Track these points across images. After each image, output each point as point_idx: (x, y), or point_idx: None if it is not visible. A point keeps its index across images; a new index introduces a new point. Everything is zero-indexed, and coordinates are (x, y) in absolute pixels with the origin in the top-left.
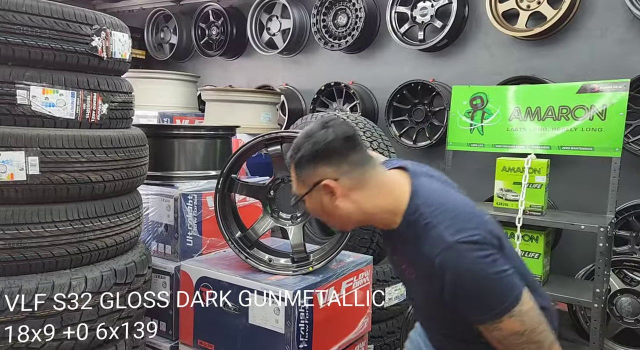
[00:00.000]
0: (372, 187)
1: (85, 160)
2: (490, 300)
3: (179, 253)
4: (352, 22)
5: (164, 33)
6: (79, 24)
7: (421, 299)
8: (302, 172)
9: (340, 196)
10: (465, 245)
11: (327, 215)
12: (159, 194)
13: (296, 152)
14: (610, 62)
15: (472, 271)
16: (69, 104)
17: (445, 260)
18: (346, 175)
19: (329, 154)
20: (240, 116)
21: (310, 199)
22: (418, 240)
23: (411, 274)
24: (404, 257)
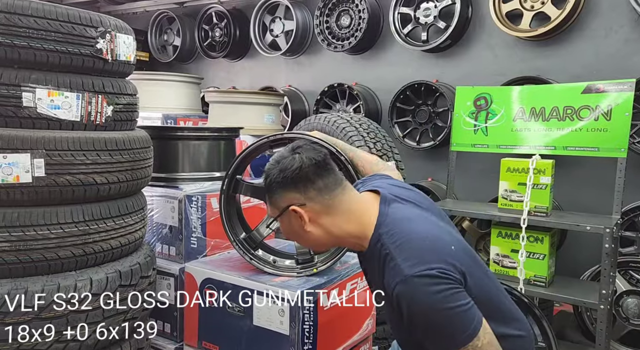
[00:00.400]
0: (340, 212)
1: (90, 162)
2: (443, 334)
3: (183, 255)
4: (355, 23)
5: (168, 35)
6: (83, 26)
7: (391, 320)
8: (272, 196)
9: (308, 221)
10: (421, 279)
11: (299, 237)
12: (164, 195)
13: (266, 177)
14: (615, 62)
15: (426, 305)
16: (74, 106)
17: (400, 292)
18: (313, 201)
19: (296, 180)
20: (243, 118)
21: (282, 221)
22: (380, 270)
23: (379, 298)
24: (373, 280)
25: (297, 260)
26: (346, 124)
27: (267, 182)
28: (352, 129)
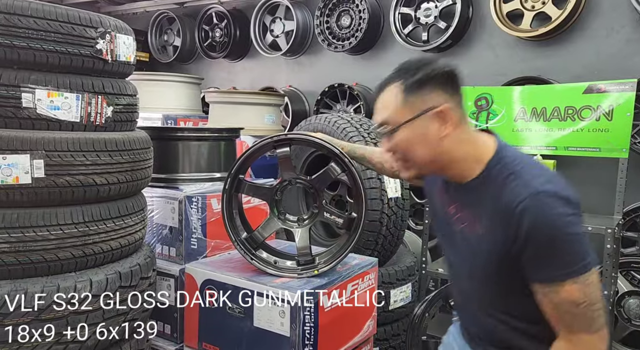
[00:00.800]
0: (467, 131)
1: (90, 163)
2: (559, 260)
3: (183, 255)
4: (356, 23)
5: (168, 35)
6: (83, 27)
7: (478, 263)
8: (411, 96)
9: (450, 126)
10: (552, 198)
11: (419, 149)
12: (164, 196)
13: (411, 74)
14: (616, 62)
15: (552, 224)
16: (74, 107)
17: (527, 207)
18: (456, 109)
19: (446, 82)
20: (244, 118)
21: (411, 127)
22: (498, 190)
23: (475, 230)
24: (471, 211)
25: (298, 261)
26: (347, 124)
27: (411, 79)
28: (352, 129)
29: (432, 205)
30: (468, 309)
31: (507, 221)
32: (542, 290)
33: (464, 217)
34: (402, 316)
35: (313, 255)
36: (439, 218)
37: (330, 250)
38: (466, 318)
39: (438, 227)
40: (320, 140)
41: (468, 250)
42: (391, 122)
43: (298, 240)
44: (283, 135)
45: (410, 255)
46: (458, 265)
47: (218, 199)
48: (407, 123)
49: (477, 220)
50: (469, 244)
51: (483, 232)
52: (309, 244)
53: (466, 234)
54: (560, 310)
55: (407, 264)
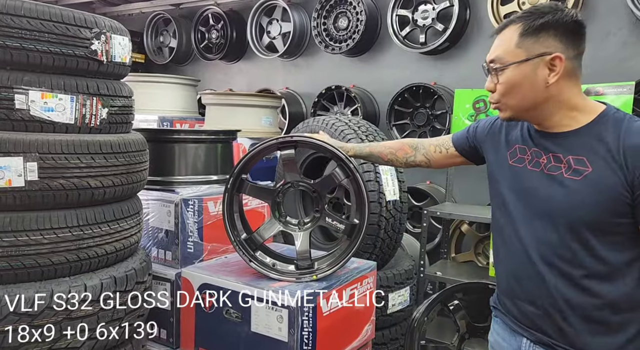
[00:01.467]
0: (577, 84)
1: (84, 165)
2: None
3: (179, 259)
4: (353, 25)
5: (164, 37)
6: (78, 27)
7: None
8: (527, 38)
9: (559, 75)
10: None
11: (524, 91)
12: (159, 199)
13: (535, 18)
14: (613, 65)
15: None
16: (68, 109)
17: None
18: (570, 61)
19: (568, 31)
20: (241, 120)
21: (520, 68)
22: (621, 131)
23: (581, 176)
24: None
25: (297, 265)
26: (345, 126)
27: (536, 22)
28: (350, 131)
29: (499, 165)
30: (538, 278)
31: (635, 161)
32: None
33: (563, 165)
34: (400, 320)
35: (312, 260)
36: (513, 176)
37: (331, 255)
38: (529, 291)
39: (509, 187)
40: (326, 144)
41: (566, 198)
42: (501, 61)
43: (299, 244)
44: (288, 137)
45: (408, 259)
46: (537, 222)
47: (215, 201)
48: (516, 64)
49: (586, 164)
50: (568, 191)
51: (595, 175)
52: (309, 248)
53: (565, 181)
54: None
55: (406, 267)
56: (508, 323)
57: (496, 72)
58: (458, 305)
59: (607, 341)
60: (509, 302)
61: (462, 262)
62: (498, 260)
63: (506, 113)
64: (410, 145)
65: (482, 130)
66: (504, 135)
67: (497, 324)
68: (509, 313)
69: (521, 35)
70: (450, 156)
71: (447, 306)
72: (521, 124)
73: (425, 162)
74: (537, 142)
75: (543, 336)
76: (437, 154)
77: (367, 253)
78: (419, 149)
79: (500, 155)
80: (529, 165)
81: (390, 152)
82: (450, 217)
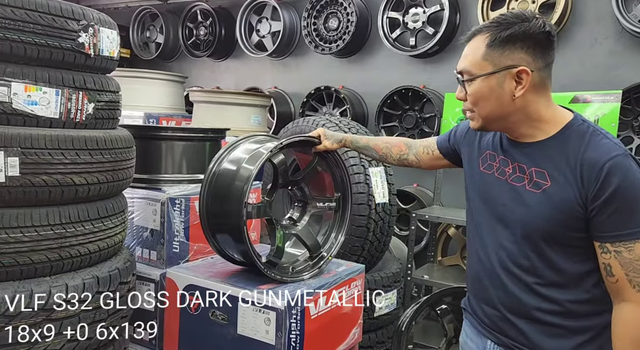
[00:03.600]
0: (545, 95)
1: (69, 161)
2: (638, 218)
3: (164, 259)
4: (344, 26)
5: (150, 32)
6: (65, 19)
7: (536, 221)
8: (494, 51)
9: (526, 88)
10: (635, 162)
11: (491, 103)
12: (145, 197)
13: (504, 28)
14: (599, 73)
15: (638, 185)
16: (52, 103)
17: (617, 165)
18: (538, 73)
19: (536, 43)
20: (229, 119)
21: (487, 80)
22: (583, 145)
23: (540, 188)
24: (539, 169)
25: (312, 256)
26: (335, 127)
27: (502, 34)
28: (340, 133)
29: (471, 168)
30: (498, 282)
31: (589, 176)
32: (613, 249)
33: (525, 176)
34: (387, 323)
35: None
36: (481, 181)
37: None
38: (491, 295)
39: (477, 192)
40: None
41: (524, 210)
42: (468, 73)
43: (306, 239)
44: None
45: (395, 262)
46: (499, 229)
47: None
48: (483, 77)
49: (546, 177)
50: (527, 204)
51: (552, 190)
52: (315, 237)
53: (525, 193)
54: (630, 268)
55: (393, 270)
56: (475, 325)
57: (464, 83)
58: (446, 309)
59: (565, 344)
60: (475, 305)
61: (448, 266)
62: (467, 263)
63: (477, 123)
64: (405, 143)
65: (461, 133)
66: (478, 141)
67: (466, 325)
68: (476, 315)
69: (488, 46)
70: (435, 158)
71: (435, 310)
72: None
73: (415, 162)
74: (506, 151)
75: (506, 339)
76: (425, 155)
77: (355, 255)
78: (411, 148)
79: (472, 160)
80: (496, 172)
81: (386, 147)
82: (439, 220)
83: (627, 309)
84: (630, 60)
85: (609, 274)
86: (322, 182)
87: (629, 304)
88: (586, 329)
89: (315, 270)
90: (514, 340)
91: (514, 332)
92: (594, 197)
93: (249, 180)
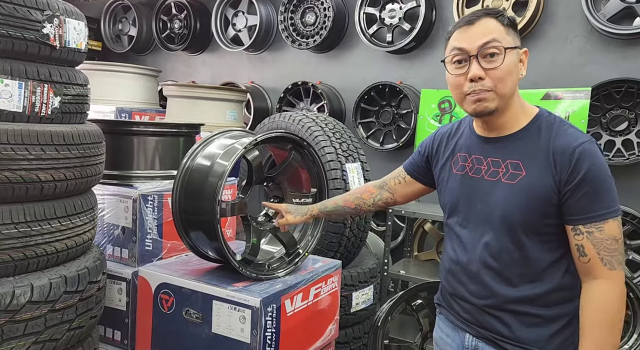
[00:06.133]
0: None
1: (33, 157)
2: (609, 199)
3: (136, 257)
4: (321, 21)
5: (123, 24)
6: (27, 8)
7: (514, 211)
8: (511, 29)
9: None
10: (599, 148)
11: (512, 77)
12: (116, 194)
13: (503, 14)
14: (569, 70)
15: (604, 165)
16: (15, 96)
17: (586, 150)
18: None
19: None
20: (204, 114)
21: (513, 55)
22: (553, 134)
23: (517, 179)
24: (514, 160)
25: (288, 252)
26: (312, 123)
27: (502, 15)
28: (317, 128)
29: (444, 174)
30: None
31: (562, 162)
32: (586, 230)
33: (501, 170)
34: (364, 319)
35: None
36: (456, 183)
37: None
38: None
39: (453, 194)
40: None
41: (502, 203)
42: (498, 45)
43: (282, 236)
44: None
45: (372, 257)
46: (478, 226)
47: None
48: (511, 49)
49: (521, 168)
50: (504, 196)
51: (528, 179)
52: (292, 234)
53: (501, 186)
54: (602, 247)
55: (370, 266)
56: (451, 319)
57: (491, 56)
58: (421, 304)
59: (541, 332)
60: (451, 299)
61: (424, 261)
62: (442, 259)
63: (494, 102)
64: (374, 185)
65: (428, 144)
66: (445, 146)
67: (441, 320)
68: (452, 309)
69: (505, 25)
70: (408, 184)
71: (410, 305)
72: (462, 132)
73: (390, 197)
74: (478, 148)
75: (484, 331)
76: (397, 186)
77: (332, 252)
78: (382, 187)
79: (445, 164)
80: (470, 172)
81: (356, 197)
82: (415, 216)
83: (596, 285)
84: (598, 58)
85: (581, 255)
86: (299, 178)
87: (599, 280)
88: (560, 316)
89: (292, 267)
90: (491, 331)
91: (492, 324)
92: (567, 181)
93: (223, 176)
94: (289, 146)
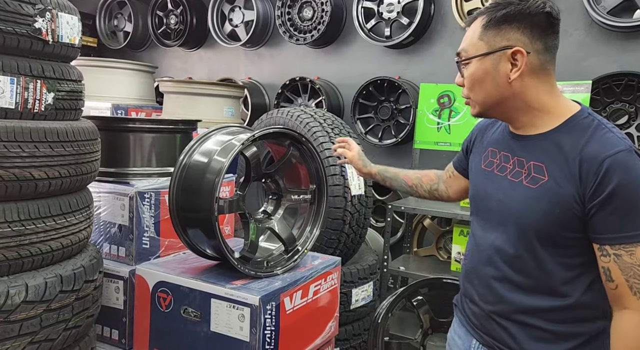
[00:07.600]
0: (547, 81)
1: (27, 155)
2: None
3: (134, 256)
4: (318, 16)
5: (118, 20)
6: (18, 2)
7: (532, 217)
8: (489, 31)
9: (522, 71)
10: (638, 158)
11: (487, 86)
12: (113, 191)
13: (500, 8)
14: (569, 64)
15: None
16: (7, 92)
17: (618, 161)
18: (537, 55)
19: (534, 24)
20: (201, 110)
21: (482, 62)
22: (584, 139)
23: (538, 183)
24: (538, 163)
25: (287, 249)
26: (310, 119)
27: (498, 13)
28: (316, 124)
29: (475, 167)
30: (485, 281)
31: (588, 172)
32: (613, 252)
33: (524, 171)
34: (363, 315)
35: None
36: (481, 179)
37: (301, 227)
38: (479, 294)
39: (476, 190)
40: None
41: (520, 206)
42: (465, 54)
43: (281, 232)
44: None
45: (371, 254)
46: (493, 227)
47: None
48: (478, 57)
49: (544, 172)
50: (522, 200)
51: (549, 185)
52: (291, 230)
53: (521, 189)
54: (631, 274)
55: (369, 262)
56: (463, 322)
57: (461, 66)
58: (422, 300)
59: (550, 348)
60: (463, 301)
61: (423, 257)
62: (463, 260)
63: (475, 109)
64: (435, 173)
65: (469, 136)
66: (482, 138)
67: (456, 321)
68: (465, 313)
69: (484, 27)
70: (455, 178)
71: (410, 301)
72: (498, 125)
73: (445, 191)
74: (508, 145)
75: (490, 339)
76: (448, 178)
77: (331, 248)
78: (440, 177)
79: (476, 159)
80: (496, 169)
81: (417, 177)
82: (414, 211)
83: (627, 316)
84: (598, 52)
85: (608, 279)
86: (297, 174)
87: (629, 311)
88: (575, 335)
89: (291, 264)
90: (497, 341)
91: (498, 332)
92: (592, 195)
93: (221, 173)
94: (287, 142)
